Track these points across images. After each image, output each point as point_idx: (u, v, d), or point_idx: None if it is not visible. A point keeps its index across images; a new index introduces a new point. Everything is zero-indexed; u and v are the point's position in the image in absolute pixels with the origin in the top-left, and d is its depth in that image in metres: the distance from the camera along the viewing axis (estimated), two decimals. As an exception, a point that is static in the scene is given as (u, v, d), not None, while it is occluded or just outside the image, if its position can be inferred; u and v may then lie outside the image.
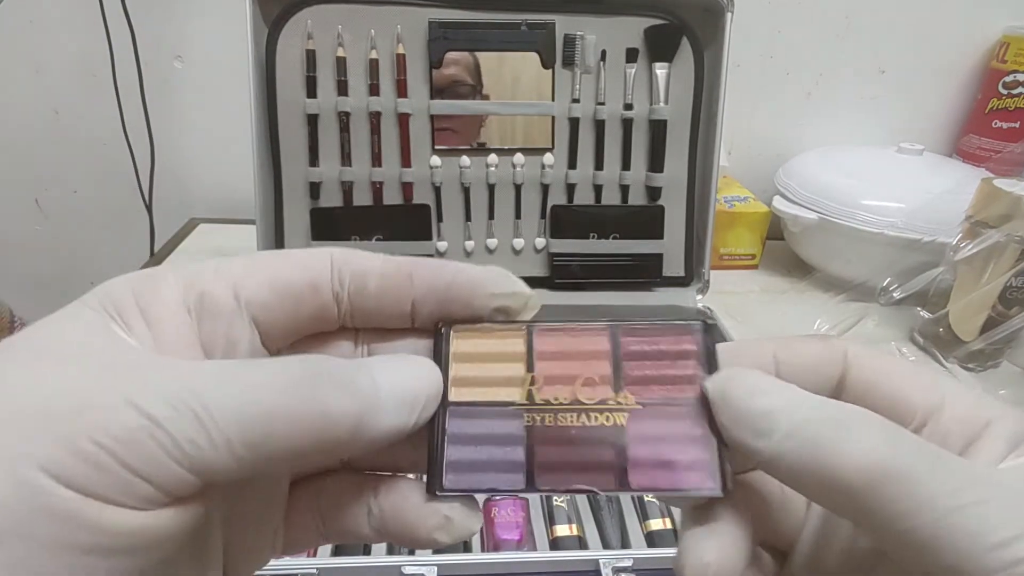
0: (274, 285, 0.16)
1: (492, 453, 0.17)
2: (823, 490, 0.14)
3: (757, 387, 0.15)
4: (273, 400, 0.13)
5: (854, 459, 0.13)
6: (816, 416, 0.14)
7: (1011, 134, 0.78)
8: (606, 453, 0.16)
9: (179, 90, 0.79)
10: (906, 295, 0.59)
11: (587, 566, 0.34)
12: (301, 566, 0.33)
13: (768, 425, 0.14)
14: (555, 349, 0.18)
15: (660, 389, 0.17)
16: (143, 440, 0.12)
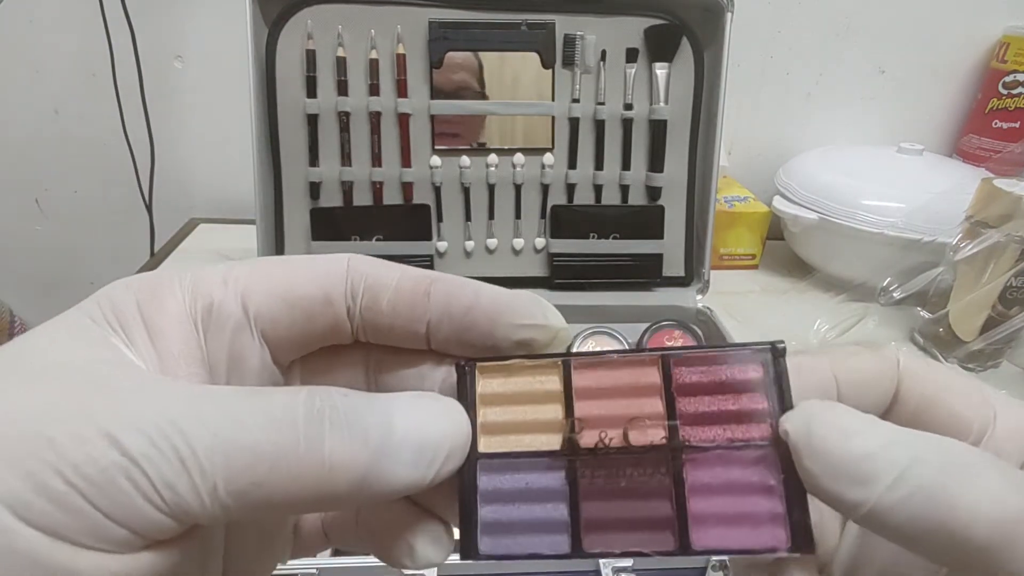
0: (286, 297, 0.15)
1: (531, 512, 0.14)
2: (943, 547, 0.12)
3: (849, 427, 0.13)
4: (269, 442, 0.12)
5: (982, 511, 0.12)
6: (925, 457, 0.12)
7: (1011, 134, 0.78)
8: (663, 507, 0.14)
9: (179, 90, 0.79)
10: (906, 295, 0.59)
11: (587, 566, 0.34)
12: (301, 566, 0.33)
13: (869, 471, 0.12)
14: (597, 385, 0.15)
15: (723, 429, 0.14)
16: (117, 480, 0.11)
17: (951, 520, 0.12)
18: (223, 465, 0.12)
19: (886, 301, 0.61)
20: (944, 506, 0.12)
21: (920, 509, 0.12)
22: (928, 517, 0.12)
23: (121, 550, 0.11)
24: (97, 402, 0.12)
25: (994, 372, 0.61)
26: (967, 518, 0.12)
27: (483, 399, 0.15)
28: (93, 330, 0.13)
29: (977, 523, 0.12)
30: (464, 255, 0.60)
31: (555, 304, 0.18)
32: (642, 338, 0.57)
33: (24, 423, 0.11)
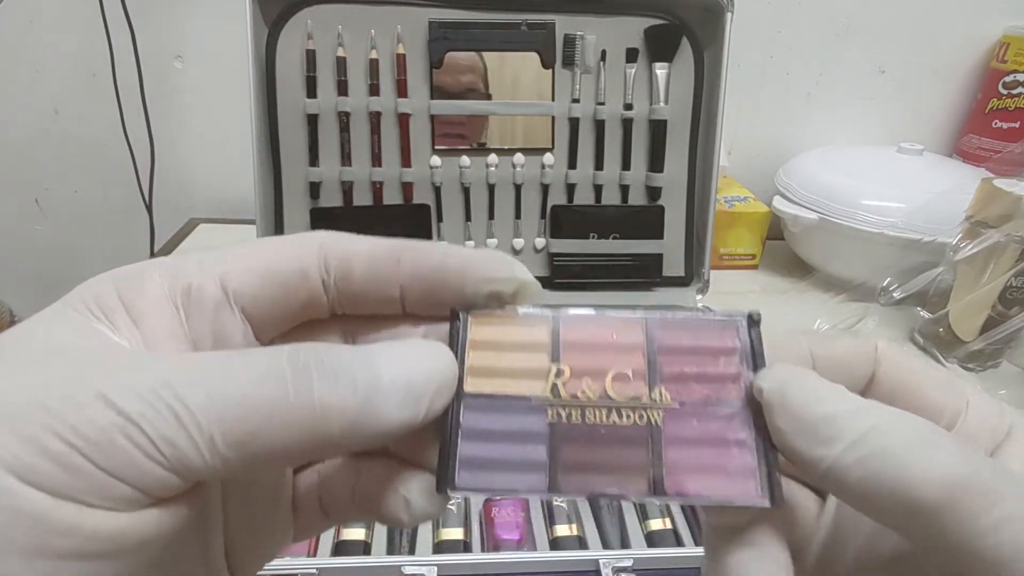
0: (262, 274, 0.15)
1: (511, 451, 0.15)
2: (893, 506, 0.13)
3: (817, 390, 0.14)
4: (260, 394, 0.12)
5: (932, 474, 0.12)
6: (885, 424, 0.13)
7: (1011, 134, 0.78)
8: (638, 455, 0.15)
9: (179, 90, 0.79)
10: (906, 295, 0.59)
11: (587, 566, 0.34)
12: (301, 566, 0.33)
13: (832, 431, 0.13)
14: (584, 339, 0.16)
15: (700, 388, 0.15)
16: (116, 439, 0.11)
17: (902, 481, 0.12)
18: (218, 419, 0.12)
19: (886, 301, 0.61)
20: (897, 468, 0.13)
21: (874, 469, 0.13)
22: (881, 477, 0.13)
23: (126, 508, 0.12)
24: (90, 372, 0.12)
25: (994, 372, 0.61)
26: (917, 480, 0.12)
27: (473, 344, 0.16)
28: (77, 319, 0.14)
29: (926, 486, 0.12)
30: (464, 255, 0.60)
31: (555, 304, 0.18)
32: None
33: (21, 395, 0.11)
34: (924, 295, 0.62)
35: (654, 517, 0.40)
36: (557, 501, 0.40)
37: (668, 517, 0.40)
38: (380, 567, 0.34)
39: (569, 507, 0.40)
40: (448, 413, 0.15)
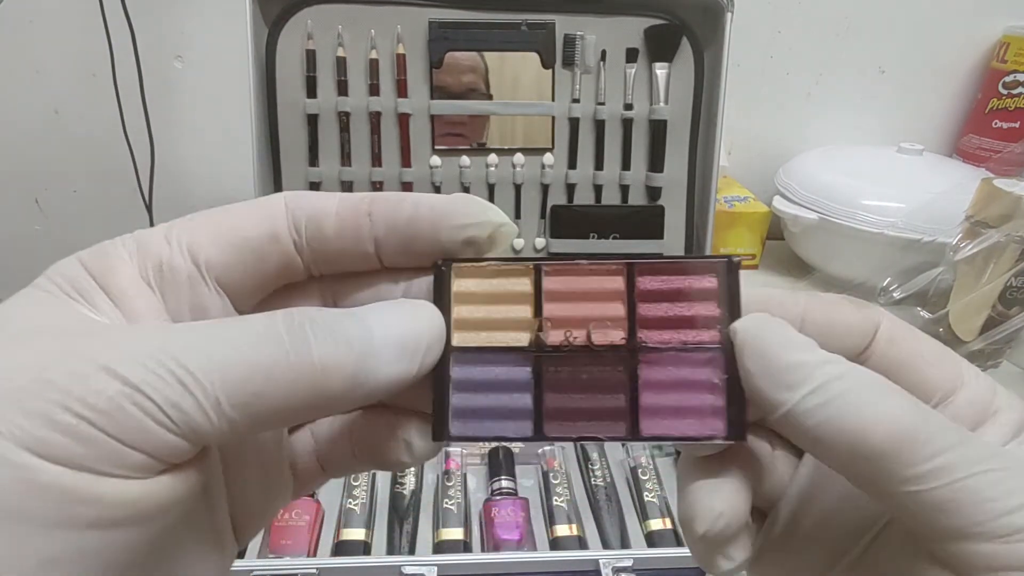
0: (232, 243, 0.15)
1: (499, 400, 0.16)
2: (843, 450, 0.14)
3: (790, 339, 0.15)
4: (260, 356, 0.12)
5: (881, 421, 0.13)
6: (847, 376, 0.14)
7: (1011, 134, 0.78)
8: (617, 400, 0.16)
9: (179, 90, 0.79)
10: (906, 295, 0.59)
11: (587, 566, 0.34)
12: (301, 566, 0.33)
13: (797, 378, 0.14)
14: (565, 289, 0.16)
15: (677, 333, 0.16)
16: (125, 407, 0.11)
17: (853, 426, 0.13)
18: (221, 381, 0.12)
19: (886, 301, 0.61)
20: (850, 414, 0.13)
21: (829, 415, 0.14)
22: (834, 423, 0.14)
23: (140, 474, 0.12)
24: (85, 344, 0.12)
25: (994, 372, 0.61)
26: (867, 425, 0.13)
27: (457, 297, 0.16)
28: (54, 301, 0.14)
29: (874, 431, 0.13)
30: (464, 255, 0.60)
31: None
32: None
33: (21, 373, 0.11)
34: (924, 295, 0.62)
35: (654, 517, 0.40)
36: (557, 501, 0.40)
37: (668, 517, 0.40)
38: (380, 567, 0.34)
39: (569, 507, 0.40)
40: (438, 367, 0.15)
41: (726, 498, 0.16)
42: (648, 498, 0.40)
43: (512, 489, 0.41)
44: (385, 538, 0.38)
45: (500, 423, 0.16)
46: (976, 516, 0.13)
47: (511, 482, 0.41)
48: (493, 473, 0.42)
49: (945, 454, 0.13)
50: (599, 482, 0.42)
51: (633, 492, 0.42)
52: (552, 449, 0.43)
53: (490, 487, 0.41)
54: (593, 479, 0.42)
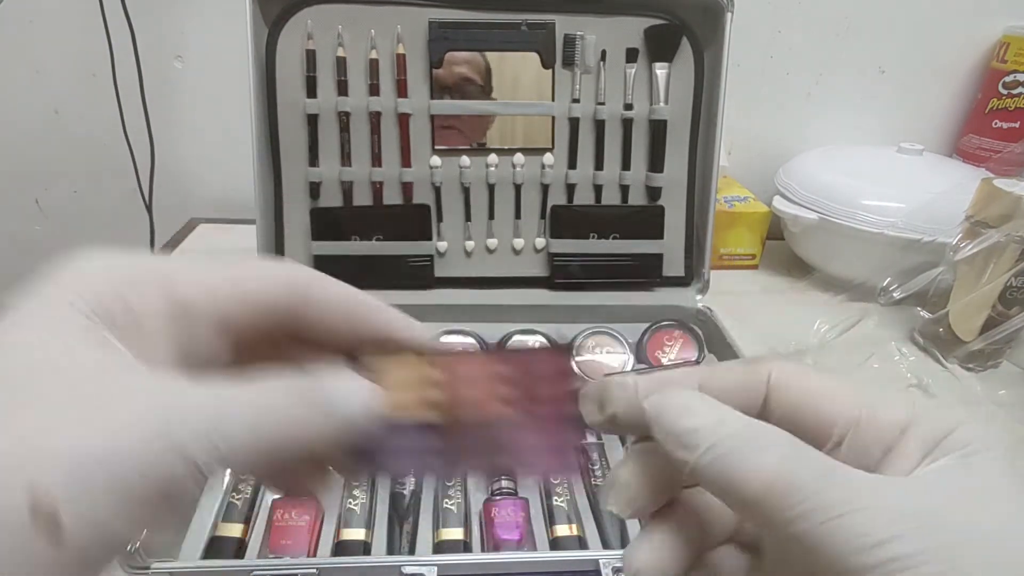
0: (251, 304, 0.18)
1: (413, 455, 0.20)
2: (733, 499, 0.16)
3: (688, 407, 0.17)
4: (276, 434, 0.16)
5: (754, 473, 0.16)
6: (734, 435, 0.16)
7: (1011, 134, 0.78)
8: (499, 453, 0.21)
9: (179, 90, 0.79)
10: (906, 295, 0.59)
11: (587, 566, 0.34)
12: (301, 566, 0.33)
13: (693, 441, 0.16)
14: (463, 374, 0.21)
15: (545, 404, 0.21)
16: (180, 477, 0.15)
17: (734, 479, 0.16)
18: (247, 452, 0.16)
19: (886, 301, 0.61)
20: (732, 469, 0.16)
21: (719, 469, 0.16)
22: (723, 476, 0.16)
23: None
24: (147, 408, 0.15)
25: (994, 372, 0.61)
26: (747, 478, 0.16)
27: (387, 384, 0.20)
28: (88, 329, 0.16)
29: (752, 481, 0.15)
30: (464, 255, 0.60)
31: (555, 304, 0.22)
32: (642, 338, 0.57)
33: (104, 443, 0.14)
34: (924, 295, 0.62)
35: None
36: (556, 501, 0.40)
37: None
38: (380, 567, 0.34)
39: (569, 507, 0.40)
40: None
41: (646, 553, 0.18)
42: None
43: (512, 489, 0.41)
44: (385, 538, 0.38)
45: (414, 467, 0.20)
46: (845, 552, 0.14)
47: (511, 482, 0.41)
48: (493, 473, 0.42)
49: (812, 498, 0.15)
50: (599, 482, 0.42)
51: (633, 492, 0.42)
52: (552, 449, 0.43)
53: (490, 487, 0.41)
54: (593, 479, 0.42)
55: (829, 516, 0.15)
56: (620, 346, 0.56)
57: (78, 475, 0.13)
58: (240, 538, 0.37)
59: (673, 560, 0.19)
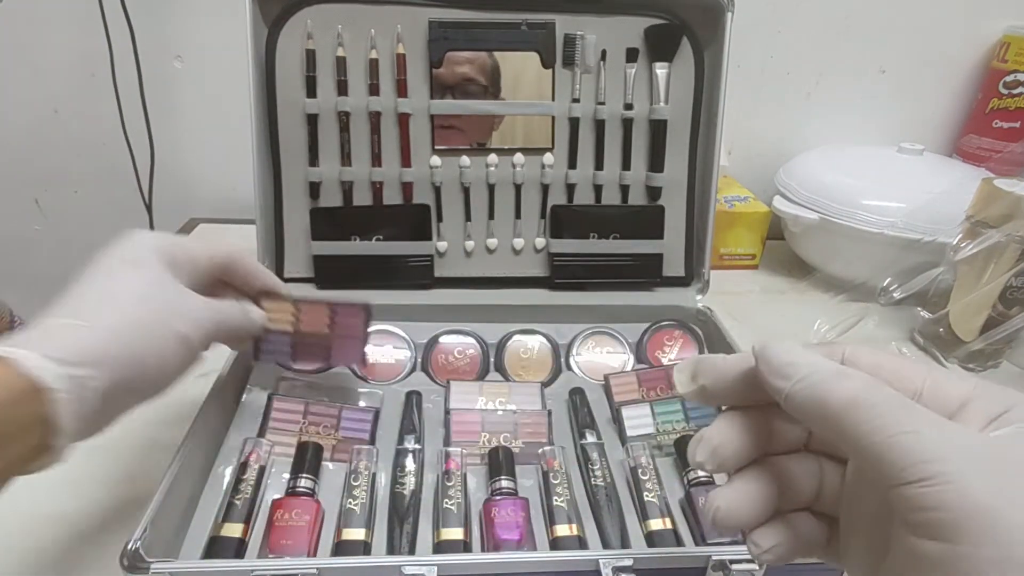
0: (212, 260, 0.38)
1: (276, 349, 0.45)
2: (817, 415, 0.20)
3: (788, 349, 0.21)
4: (226, 322, 0.38)
5: (840, 393, 0.19)
6: (821, 369, 0.20)
7: (1011, 134, 0.78)
8: (325, 352, 0.47)
9: (179, 90, 0.79)
10: (906, 295, 0.59)
11: (587, 566, 0.34)
12: (301, 566, 0.33)
13: (790, 372, 0.20)
14: (311, 307, 0.45)
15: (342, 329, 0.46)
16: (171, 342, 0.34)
17: (823, 398, 0.19)
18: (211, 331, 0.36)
19: (886, 301, 0.61)
20: (818, 391, 0.20)
21: (808, 394, 0.20)
22: (811, 398, 0.20)
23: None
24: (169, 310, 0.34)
25: (994, 372, 0.61)
26: (830, 398, 0.19)
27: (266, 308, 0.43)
28: (162, 271, 0.35)
29: (835, 401, 0.19)
30: (464, 255, 0.60)
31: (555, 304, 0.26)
32: (642, 338, 0.57)
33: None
34: (924, 295, 0.62)
35: (654, 517, 0.40)
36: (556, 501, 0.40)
37: (668, 517, 0.40)
38: (380, 567, 0.34)
39: (569, 507, 0.40)
40: None
41: (725, 500, 0.22)
42: (648, 498, 0.40)
43: (512, 489, 0.40)
44: (385, 538, 0.38)
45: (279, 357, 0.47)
46: (902, 463, 0.17)
47: (511, 482, 0.41)
48: (493, 473, 0.41)
49: (883, 417, 0.18)
50: (599, 482, 0.42)
51: (633, 492, 0.42)
52: (552, 449, 0.43)
53: (490, 487, 0.41)
54: (593, 479, 0.42)
55: (896, 431, 0.17)
56: (620, 346, 0.56)
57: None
58: (240, 538, 0.37)
59: (750, 509, 0.22)
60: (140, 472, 0.45)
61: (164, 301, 0.34)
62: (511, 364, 0.54)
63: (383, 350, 0.54)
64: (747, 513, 0.22)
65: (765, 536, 0.22)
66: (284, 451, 0.43)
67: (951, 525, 0.16)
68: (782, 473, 0.23)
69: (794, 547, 0.23)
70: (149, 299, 0.33)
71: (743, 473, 0.23)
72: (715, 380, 0.23)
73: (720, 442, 0.22)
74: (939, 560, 0.16)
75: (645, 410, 0.48)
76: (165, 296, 0.34)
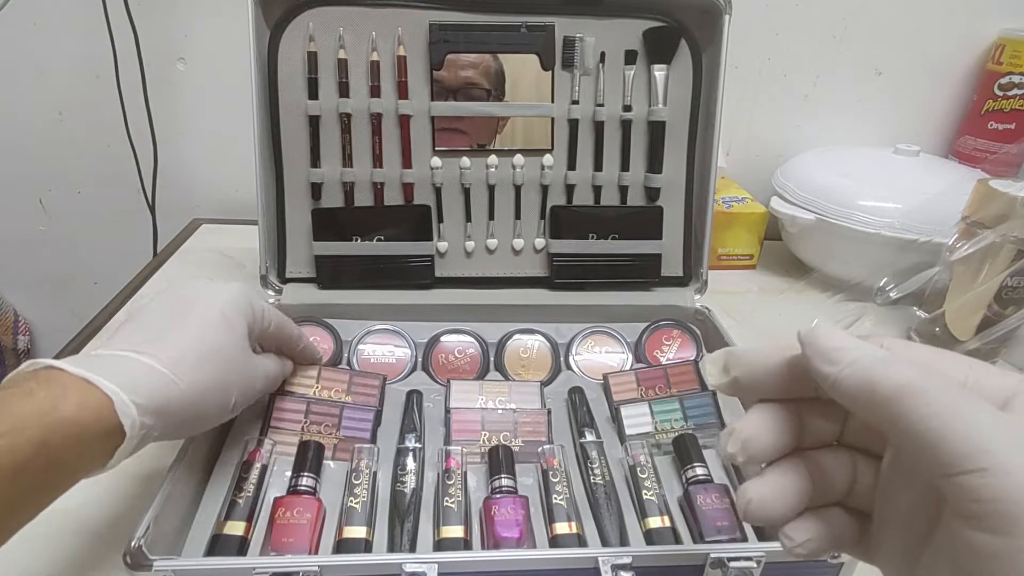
0: (277, 327, 0.42)
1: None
2: (866, 402, 0.19)
3: (834, 334, 0.21)
4: (271, 374, 0.43)
5: (890, 379, 0.19)
6: (869, 354, 0.20)
7: (1006, 135, 0.79)
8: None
9: (182, 91, 0.80)
10: (902, 295, 0.60)
11: (586, 564, 0.34)
12: (303, 564, 0.33)
13: (838, 357, 0.20)
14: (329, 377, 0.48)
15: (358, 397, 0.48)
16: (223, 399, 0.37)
17: (871, 382, 0.19)
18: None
19: (883, 301, 0.61)
20: (869, 376, 0.19)
21: (858, 379, 0.19)
22: (861, 383, 0.19)
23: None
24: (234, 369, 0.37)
25: (990, 371, 0.61)
26: (879, 382, 0.19)
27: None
28: (246, 340, 0.38)
29: (886, 386, 0.19)
30: (464, 255, 0.60)
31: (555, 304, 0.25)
32: (641, 337, 0.57)
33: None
34: (920, 295, 0.62)
35: (653, 515, 0.40)
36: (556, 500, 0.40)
37: (667, 515, 0.40)
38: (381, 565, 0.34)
39: (568, 505, 0.40)
40: None
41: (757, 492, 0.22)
42: (647, 496, 0.41)
43: (512, 487, 0.41)
44: (386, 536, 0.39)
45: None
46: (956, 454, 0.17)
47: (511, 480, 0.41)
48: (493, 472, 0.42)
49: (934, 403, 0.18)
50: (598, 480, 0.42)
51: (632, 490, 0.42)
52: (552, 448, 0.43)
53: (490, 485, 0.41)
54: (592, 477, 0.42)
55: (952, 418, 0.17)
56: (619, 345, 0.56)
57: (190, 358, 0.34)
58: (242, 536, 0.37)
59: (782, 502, 0.22)
60: (143, 470, 0.46)
61: (238, 371, 0.36)
62: (511, 363, 0.55)
63: (384, 349, 0.54)
64: (779, 506, 0.22)
65: (798, 530, 0.22)
66: (286, 450, 0.44)
67: (1010, 517, 0.16)
68: (815, 467, 0.22)
69: (827, 542, 0.22)
70: (230, 367, 0.35)
71: (776, 466, 0.22)
72: (748, 371, 0.23)
73: (751, 434, 0.22)
74: (994, 553, 0.16)
75: (644, 409, 0.48)
76: (239, 365, 0.36)
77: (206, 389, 0.34)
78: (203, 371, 0.33)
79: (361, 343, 0.54)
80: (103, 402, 0.29)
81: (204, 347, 0.34)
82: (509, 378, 0.53)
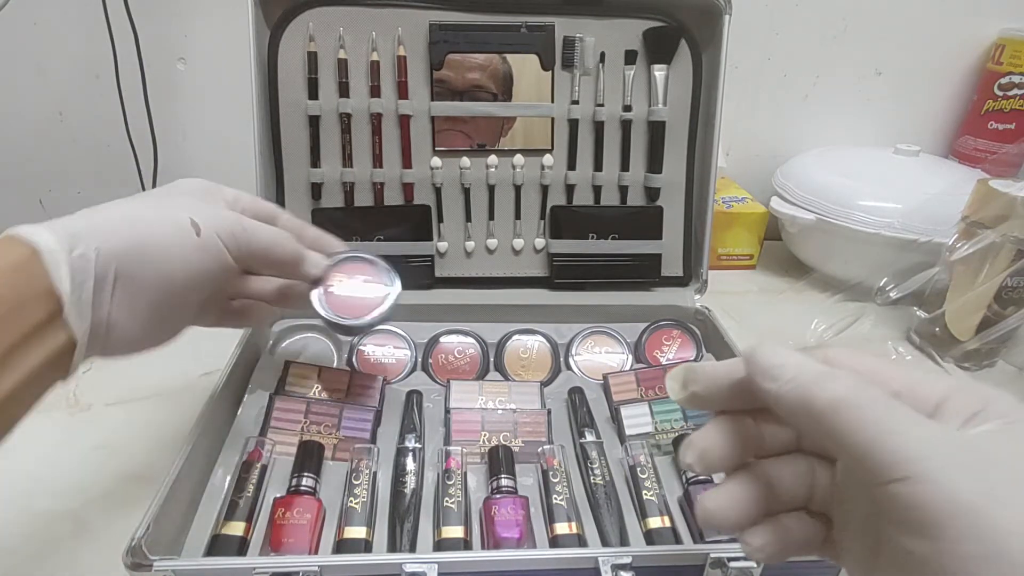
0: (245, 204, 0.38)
1: None
2: (804, 418, 0.20)
3: (776, 351, 0.22)
4: (262, 236, 0.36)
5: (824, 395, 0.20)
6: (809, 370, 0.21)
7: (1006, 135, 0.79)
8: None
9: (182, 91, 0.80)
10: (903, 295, 0.60)
11: (586, 564, 0.34)
12: (303, 564, 0.33)
13: (779, 374, 0.21)
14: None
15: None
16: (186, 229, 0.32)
17: (810, 399, 0.20)
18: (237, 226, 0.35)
19: (883, 301, 0.61)
20: (806, 392, 0.20)
21: (797, 394, 0.20)
22: (799, 399, 0.20)
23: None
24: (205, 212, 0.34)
25: (989, 371, 0.61)
26: (818, 398, 0.20)
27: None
28: (210, 194, 0.36)
29: (822, 401, 0.19)
30: (464, 255, 0.60)
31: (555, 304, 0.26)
32: (641, 337, 0.57)
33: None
34: (920, 295, 0.62)
35: (653, 515, 0.40)
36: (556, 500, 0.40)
37: (667, 515, 0.40)
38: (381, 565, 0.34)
39: (568, 506, 0.40)
40: None
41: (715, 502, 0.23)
42: (647, 496, 0.41)
43: (512, 488, 0.41)
44: (386, 536, 0.39)
45: None
46: (892, 461, 0.17)
47: (511, 481, 0.41)
48: (493, 472, 0.42)
49: (865, 415, 0.18)
50: (598, 481, 0.42)
51: (632, 490, 0.42)
52: (552, 448, 0.43)
53: (490, 486, 0.41)
54: (592, 478, 0.42)
55: (879, 431, 0.18)
56: (619, 346, 0.57)
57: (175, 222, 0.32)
58: (242, 536, 0.37)
59: (740, 509, 0.23)
60: (143, 470, 0.46)
61: (181, 199, 0.33)
62: (511, 364, 0.55)
63: (384, 350, 0.54)
64: (734, 515, 0.23)
65: (755, 536, 0.23)
66: (286, 450, 0.44)
67: (934, 522, 0.16)
68: (771, 476, 0.23)
69: (785, 546, 0.23)
70: (163, 195, 0.34)
71: (733, 477, 0.23)
72: (705, 386, 0.24)
73: (706, 446, 0.23)
74: (926, 557, 0.17)
75: (644, 409, 0.48)
76: (184, 198, 0.34)
77: (131, 209, 0.31)
78: (120, 202, 0.32)
79: (361, 343, 0.54)
80: (12, 243, 0.28)
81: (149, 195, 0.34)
82: (509, 378, 0.53)
